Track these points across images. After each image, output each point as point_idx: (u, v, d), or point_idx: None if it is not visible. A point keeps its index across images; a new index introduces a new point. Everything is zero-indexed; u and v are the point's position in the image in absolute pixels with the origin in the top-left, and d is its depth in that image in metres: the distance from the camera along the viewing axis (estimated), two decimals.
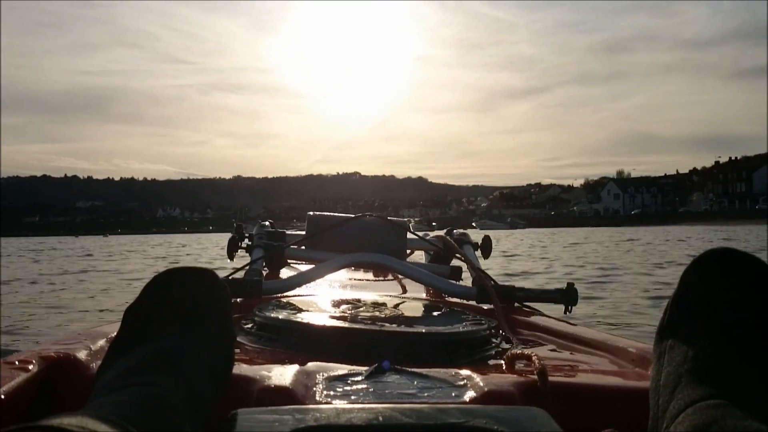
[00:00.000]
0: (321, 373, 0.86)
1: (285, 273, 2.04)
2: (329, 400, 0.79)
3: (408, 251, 2.13)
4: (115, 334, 0.77)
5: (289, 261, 2.13)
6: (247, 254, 1.95)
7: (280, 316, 1.18)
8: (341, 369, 0.89)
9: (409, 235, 2.00)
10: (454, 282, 1.74)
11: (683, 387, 0.64)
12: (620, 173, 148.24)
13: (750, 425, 0.56)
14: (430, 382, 0.84)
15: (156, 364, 0.67)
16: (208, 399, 0.67)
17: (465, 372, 0.88)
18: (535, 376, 0.85)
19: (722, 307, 0.70)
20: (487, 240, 2.05)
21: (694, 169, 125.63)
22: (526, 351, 0.98)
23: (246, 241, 2.00)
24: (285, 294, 1.57)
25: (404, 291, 1.90)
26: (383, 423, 0.58)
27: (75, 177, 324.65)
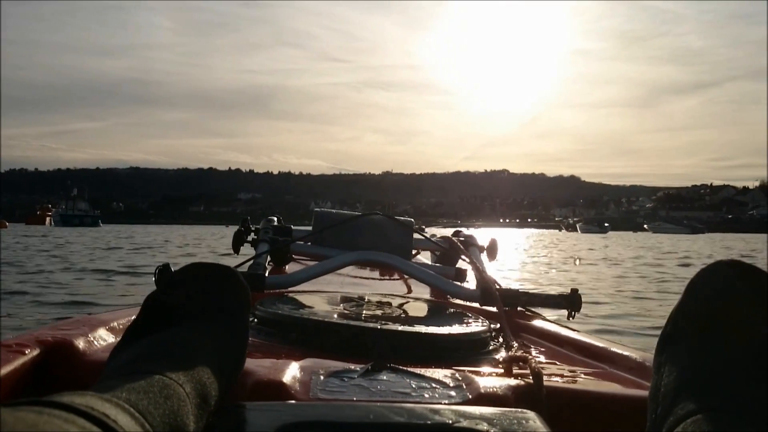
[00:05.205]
0: (316, 369, 0.86)
1: (290, 269, 2.03)
2: (322, 396, 0.78)
3: (414, 251, 2.12)
4: (133, 318, 0.78)
5: (294, 257, 2.12)
6: (253, 248, 1.93)
7: (281, 311, 1.19)
8: (337, 366, 0.88)
9: (416, 235, 1.99)
10: (458, 284, 1.72)
11: (683, 398, 0.63)
12: None
13: None
14: (425, 382, 0.84)
15: (168, 353, 0.68)
16: (215, 394, 0.67)
17: (461, 373, 0.88)
18: (531, 380, 0.84)
19: (726, 319, 0.69)
20: (493, 243, 2.05)
21: None
22: (524, 354, 0.99)
23: (252, 235, 1.99)
24: (288, 289, 1.58)
25: (409, 291, 1.92)
26: (374, 421, 0.58)
27: (238, 170, 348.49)
